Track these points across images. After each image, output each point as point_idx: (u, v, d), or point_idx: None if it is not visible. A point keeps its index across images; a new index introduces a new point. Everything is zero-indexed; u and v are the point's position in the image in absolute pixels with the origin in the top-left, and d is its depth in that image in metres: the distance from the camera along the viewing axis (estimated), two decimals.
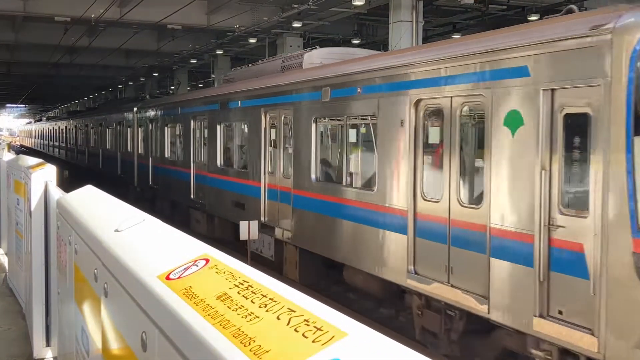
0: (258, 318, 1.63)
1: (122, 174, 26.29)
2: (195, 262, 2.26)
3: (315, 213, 10.95)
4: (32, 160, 8.20)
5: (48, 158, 28.21)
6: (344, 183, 10.36)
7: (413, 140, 8.41)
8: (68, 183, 22.04)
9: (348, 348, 1.36)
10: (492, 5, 22.27)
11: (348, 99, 10.07)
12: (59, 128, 49.63)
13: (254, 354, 1.46)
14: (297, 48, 25.71)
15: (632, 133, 5.72)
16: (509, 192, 6.92)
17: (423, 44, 17.32)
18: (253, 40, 27.53)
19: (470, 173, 7.93)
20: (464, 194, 7.74)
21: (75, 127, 40.38)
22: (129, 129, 25.11)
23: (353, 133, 10.42)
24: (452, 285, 7.72)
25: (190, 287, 2.04)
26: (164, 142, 20.39)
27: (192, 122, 17.58)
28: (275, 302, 1.69)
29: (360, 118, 9.99)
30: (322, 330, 1.45)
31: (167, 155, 20.20)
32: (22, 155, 11.07)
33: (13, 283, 9.20)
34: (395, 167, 8.79)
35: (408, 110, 8.48)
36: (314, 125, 11.16)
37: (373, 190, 9.30)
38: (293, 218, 11.67)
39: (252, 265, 2.31)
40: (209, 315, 1.76)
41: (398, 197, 8.70)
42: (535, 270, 6.47)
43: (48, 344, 6.64)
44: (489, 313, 7.08)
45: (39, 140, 68.26)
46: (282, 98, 12.43)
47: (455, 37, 22.23)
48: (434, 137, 8.34)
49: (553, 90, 6.44)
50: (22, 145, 79.40)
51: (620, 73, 5.77)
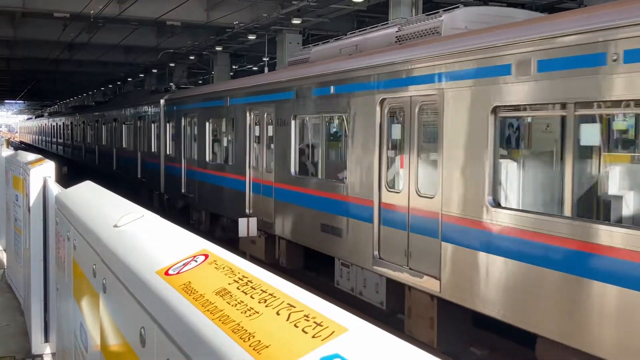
0: (258, 313, 1.62)
1: (143, 178, 22.69)
2: (195, 257, 2.26)
3: None
4: (30, 156, 8.19)
5: (52, 157, 27.18)
6: None
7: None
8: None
9: (348, 343, 1.35)
10: (491, 3, 22.26)
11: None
12: (64, 124, 46.23)
13: (254, 350, 1.45)
14: (296, 45, 25.69)
15: None
16: None
17: None
18: (252, 37, 27.51)
19: None
20: None
21: (84, 122, 36.77)
22: (154, 125, 21.38)
23: None
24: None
25: (190, 282, 2.04)
26: (204, 141, 16.59)
27: (248, 115, 13.71)
28: (275, 297, 1.68)
29: None
30: (322, 326, 1.44)
31: (207, 158, 16.45)
32: (20, 151, 11.05)
33: (11, 279, 9.20)
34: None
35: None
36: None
37: None
38: None
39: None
40: (208, 311, 1.76)
41: None
42: None
43: (46, 340, 6.63)
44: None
45: (41, 137, 64.87)
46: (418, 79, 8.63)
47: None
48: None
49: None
50: (21, 142, 77.91)
51: None
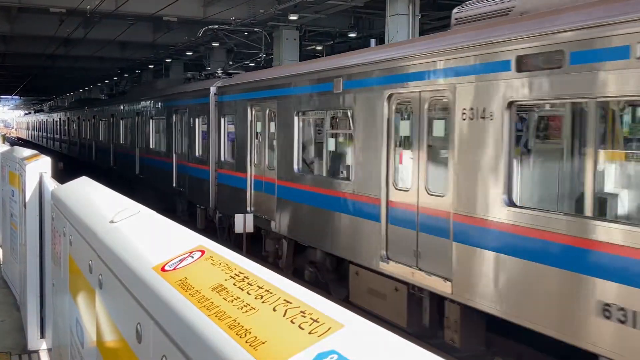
0: (254, 309, 1.62)
1: (180, 188, 18.10)
2: (191, 253, 2.25)
3: None
4: (26, 152, 8.17)
5: (55, 156, 25.35)
6: None
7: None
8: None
9: (344, 340, 1.36)
10: None
11: None
12: (69, 119, 41.29)
13: (250, 346, 1.45)
14: (293, 41, 25.66)
15: None
16: None
17: None
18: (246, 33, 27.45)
19: None
20: None
21: (94, 117, 31.76)
22: (197, 121, 16.58)
23: None
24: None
25: (186, 278, 2.03)
26: (290, 143, 11.83)
27: (386, 105, 9.14)
28: (272, 293, 1.68)
29: None
30: (318, 322, 1.44)
31: (300, 167, 11.84)
32: (16, 147, 11.03)
33: (7, 275, 9.19)
34: None
35: None
36: None
37: None
38: None
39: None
40: (205, 307, 1.75)
41: None
42: None
43: (42, 336, 6.63)
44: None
45: (40, 133, 60.39)
46: None
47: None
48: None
49: None
50: (19, 139, 76.26)
51: None
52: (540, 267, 6.55)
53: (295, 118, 11.81)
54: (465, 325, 7.87)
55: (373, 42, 14.59)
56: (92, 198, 4.31)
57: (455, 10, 9.05)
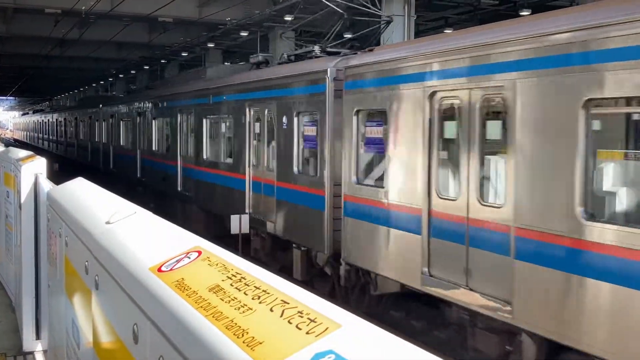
0: (251, 310, 1.62)
1: (232, 205, 13.60)
2: (188, 254, 2.25)
3: None
4: (22, 153, 8.16)
5: (62, 162, 24.75)
6: None
7: None
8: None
9: (342, 339, 1.36)
10: (483, 0, 22.30)
11: None
12: (76, 120, 36.43)
13: (247, 346, 1.45)
14: (288, 42, 25.63)
15: None
16: None
17: None
18: (245, 34, 27.45)
19: None
20: None
21: (112, 117, 26.47)
22: (297, 121, 11.41)
23: None
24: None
25: (183, 279, 2.03)
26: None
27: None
28: (269, 294, 1.68)
29: None
30: (315, 322, 1.44)
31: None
32: (12, 148, 11.00)
33: (2, 276, 9.16)
34: None
35: None
36: None
37: None
38: None
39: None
40: (202, 307, 1.75)
41: None
42: None
43: (38, 337, 6.61)
44: None
45: (39, 135, 57.02)
46: None
47: (447, 31, 22.25)
48: None
49: None
50: (15, 140, 73.82)
51: None
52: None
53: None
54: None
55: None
56: (88, 199, 4.31)
57: None
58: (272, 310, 1.58)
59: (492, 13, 22.59)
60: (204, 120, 15.86)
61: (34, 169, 6.78)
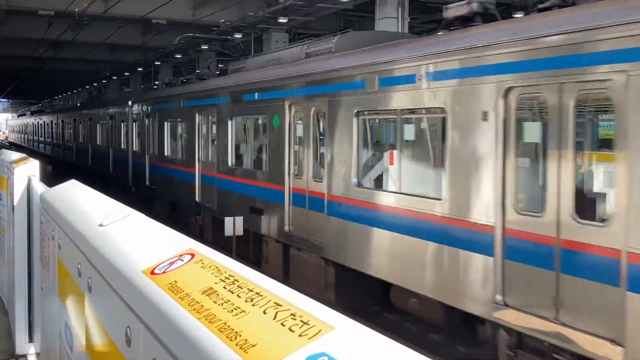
0: (244, 312, 1.62)
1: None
2: (181, 256, 2.25)
3: None
4: (15, 155, 8.13)
5: (77, 173, 22.37)
6: None
7: None
8: None
9: (335, 342, 1.36)
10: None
11: None
12: (91, 121, 30.25)
13: (240, 348, 1.45)
14: (282, 44, 25.64)
15: None
16: None
17: None
18: (239, 36, 27.44)
19: None
20: None
21: (151, 116, 20.55)
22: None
23: None
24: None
25: (176, 281, 2.03)
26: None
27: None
28: (262, 296, 1.68)
29: None
30: (308, 325, 1.44)
31: None
32: (4, 150, 10.97)
33: None
34: None
35: None
36: None
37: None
38: None
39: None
40: (195, 310, 1.75)
41: None
42: None
43: (31, 340, 6.59)
44: None
45: (35, 138, 54.30)
46: None
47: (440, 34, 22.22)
48: None
49: None
50: (11, 143, 69.63)
51: None
52: None
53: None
54: None
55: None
56: (81, 201, 4.30)
57: None
58: (265, 313, 1.57)
59: None
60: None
61: (27, 171, 6.76)
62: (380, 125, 10.13)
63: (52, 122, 45.80)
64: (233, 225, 12.49)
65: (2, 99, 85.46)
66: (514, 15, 20.20)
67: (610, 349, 5.64)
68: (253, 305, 1.64)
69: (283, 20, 23.60)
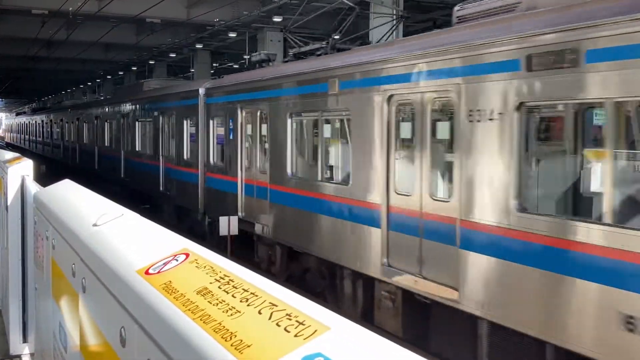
0: (239, 313, 1.61)
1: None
2: (175, 256, 2.24)
3: None
4: (8, 154, 8.10)
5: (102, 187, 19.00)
6: None
7: None
8: None
9: (330, 342, 1.35)
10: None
11: None
12: (124, 119, 23.23)
13: (235, 349, 1.44)
14: (277, 43, 25.64)
15: None
16: None
17: None
18: (233, 35, 27.42)
19: None
20: None
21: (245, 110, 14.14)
22: None
23: None
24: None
25: (170, 281, 2.02)
26: None
27: None
28: (257, 296, 1.67)
29: None
30: (304, 325, 1.43)
31: None
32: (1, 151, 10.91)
33: None
34: None
35: None
36: None
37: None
38: None
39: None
40: (190, 310, 1.74)
41: None
42: None
43: (25, 340, 6.57)
44: None
45: (38, 139, 48.66)
46: None
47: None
48: None
49: None
50: (8, 144, 64.64)
51: None
52: None
53: None
54: None
55: None
56: (75, 201, 4.28)
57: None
58: (260, 313, 1.57)
59: None
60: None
61: (21, 171, 6.74)
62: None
63: (63, 120, 36.78)
64: (228, 225, 12.49)
65: None
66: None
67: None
68: (248, 306, 1.63)
69: (278, 19, 23.59)
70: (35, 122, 50.79)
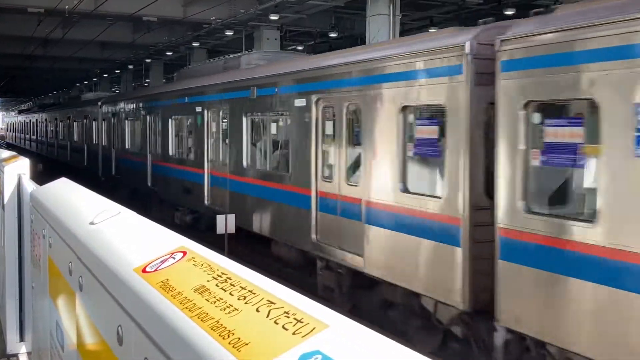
0: (237, 310, 1.61)
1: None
2: (172, 254, 2.23)
3: None
4: (4, 153, 8.08)
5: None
6: None
7: None
8: None
9: (329, 340, 1.34)
10: (468, 0, 22.40)
11: None
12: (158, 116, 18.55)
13: (233, 347, 1.44)
14: (274, 41, 25.62)
15: None
16: None
17: None
18: (230, 33, 27.37)
19: None
20: None
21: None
22: None
23: None
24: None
25: (167, 280, 2.01)
26: None
27: None
28: (255, 294, 1.67)
29: None
30: (302, 322, 1.43)
31: None
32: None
33: None
34: None
35: None
36: None
37: None
38: None
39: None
40: (187, 308, 1.74)
41: None
42: None
43: (22, 339, 6.56)
44: None
45: (41, 138, 43.09)
46: None
47: (432, 30, 22.27)
48: None
49: None
50: (8, 144, 59.03)
51: None
52: None
53: None
54: None
55: None
56: (71, 199, 4.27)
57: None
58: (258, 311, 1.56)
59: (476, 12, 22.69)
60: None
61: (17, 170, 6.73)
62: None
63: (87, 120, 28.41)
64: (225, 223, 12.46)
65: None
66: (505, 13, 20.26)
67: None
68: (246, 303, 1.63)
69: (274, 18, 23.55)
70: (46, 120, 41.37)
